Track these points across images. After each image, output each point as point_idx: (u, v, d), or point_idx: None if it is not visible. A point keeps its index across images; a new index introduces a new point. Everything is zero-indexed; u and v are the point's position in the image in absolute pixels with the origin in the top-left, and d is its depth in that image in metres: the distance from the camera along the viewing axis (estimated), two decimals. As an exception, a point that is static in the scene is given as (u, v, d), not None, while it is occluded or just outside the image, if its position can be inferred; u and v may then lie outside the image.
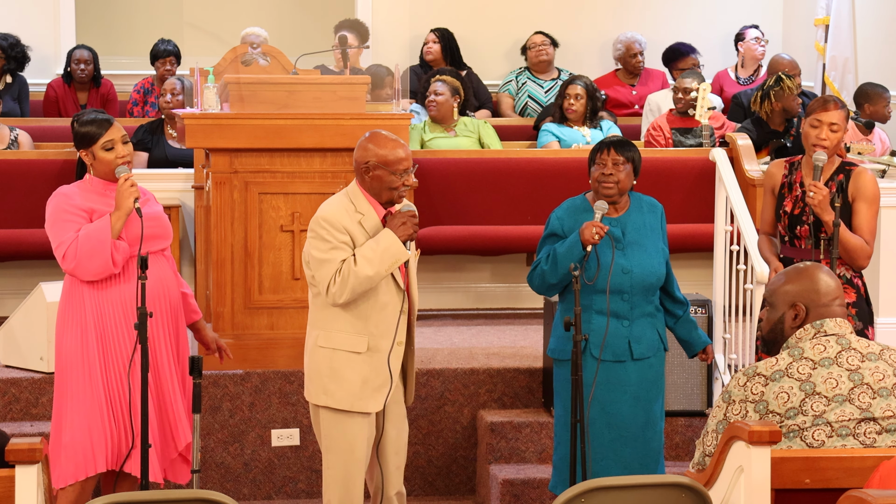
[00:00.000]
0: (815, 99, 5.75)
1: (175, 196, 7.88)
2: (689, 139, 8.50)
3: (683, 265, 7.96)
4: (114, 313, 5.21)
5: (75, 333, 5.21)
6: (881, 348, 3.99)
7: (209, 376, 6.40)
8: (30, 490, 3.77)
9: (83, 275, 5.17)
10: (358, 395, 5.04)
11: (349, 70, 7.92)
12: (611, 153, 5.32)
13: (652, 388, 5.39)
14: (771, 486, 3.78)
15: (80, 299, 5.22)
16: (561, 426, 5.37)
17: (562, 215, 5.42)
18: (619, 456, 5.30)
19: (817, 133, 5.56)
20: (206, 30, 11.38)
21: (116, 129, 5.25)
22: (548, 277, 5.33)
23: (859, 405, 3.88)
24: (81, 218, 5.20)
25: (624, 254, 5.32)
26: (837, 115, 5.57)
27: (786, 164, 5.77)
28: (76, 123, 5.30)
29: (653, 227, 5.44)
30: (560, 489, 5.36)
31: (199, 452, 4.75)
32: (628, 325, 5.33)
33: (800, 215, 5.62)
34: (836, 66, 10.01)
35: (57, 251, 5.20)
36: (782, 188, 5.72)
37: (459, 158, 8.07)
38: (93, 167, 5.27)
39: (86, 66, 9.75)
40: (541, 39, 10.05)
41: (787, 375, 3.92)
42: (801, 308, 4.03)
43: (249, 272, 6.46)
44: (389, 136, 5.07)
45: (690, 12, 10.90)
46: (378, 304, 5.03)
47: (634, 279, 5.31)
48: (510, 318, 7.73)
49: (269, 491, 6.53)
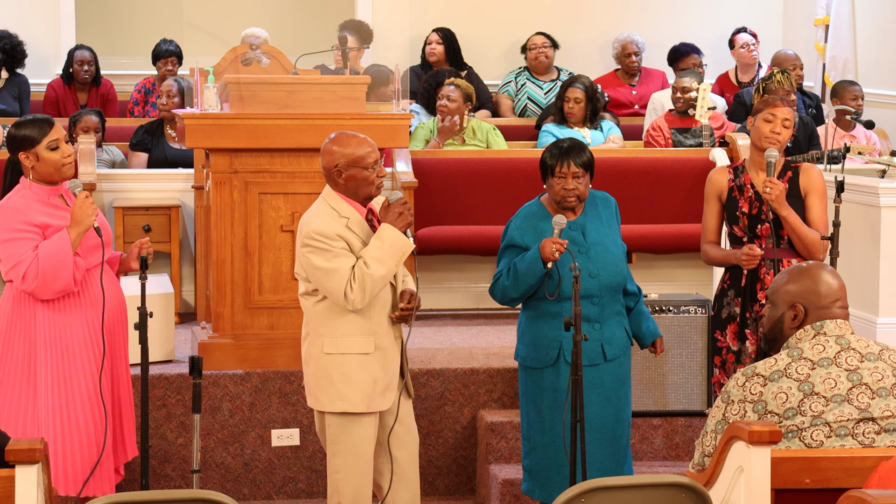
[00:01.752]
0: (765, 97, 5.81)
1: (175, 196, 7.88)
2: (689, 139, 8.50)
3: (683, 265, 7.97)
4: (71, 328, 5.12)
5: (22, 348, 5.11)
6: (881, 348, 3.98)
7: (209, 376, 6.40)
8: (30, 490, 3.77)
9: (44, 294, 5.06)
10: (371, 395, 5.04)
11: (349, 71, 7.92)
12: (570, 166, 5.31)
13: (622, 386, 5.42)
14: (771, 486, 3.78)
15: (31, 315, 5.12)
16: (535, 431, 5.38)
17: (520, 224, 5.41)
18: (592, 458, 5.26)
19: (771, 127, 5.67)
20: (206, 30, 11.39)
21: (59, 129, 5.16)
22: (509, 292, 5.35)
23: (858, 405, 3.88)
24: (35, 234, 5.06)
25: (588, 257, 5.32)
26: (789, 112, 5.69)
27: (728, 169, 5.83)
28: (15, 125, 5.16)
29: (609, 222, 5.45)
30: (538, 494, 5.39)
31: (199, 452, 4.75)
32: (600, 327, 5.34)
33: (758, 215, 5.68)
34: (836, 66, 10.01)
35: (14, 271, 5.04)
36: (731, 192, 5.76)
37: (459, 158, 8.06)
38: (34, 170, 5.12)
39: (88, 67, 9.75)
40: (541, 41, 10.04)
41: (785, 375, 3.92)
42: (801, 309, 4.02)
43: (249, 272, 6.46)
44: (351, 134, 5.07)
45: (690, 12, 10.91)
46: (379, 302, 5.04)
47: (602, 282, 5.32)
48: (510, 318, 7.72)
49: (269, 491, 6.53)
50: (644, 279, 7.49)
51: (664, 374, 6.45)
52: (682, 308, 6.42)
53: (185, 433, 6.46)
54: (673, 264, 8.15)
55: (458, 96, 8.39)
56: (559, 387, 5.28)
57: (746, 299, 5.71)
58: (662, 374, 6.46)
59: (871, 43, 9.96)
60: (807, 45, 10.31)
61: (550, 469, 5.34)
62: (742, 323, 5.72)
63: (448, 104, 8.38)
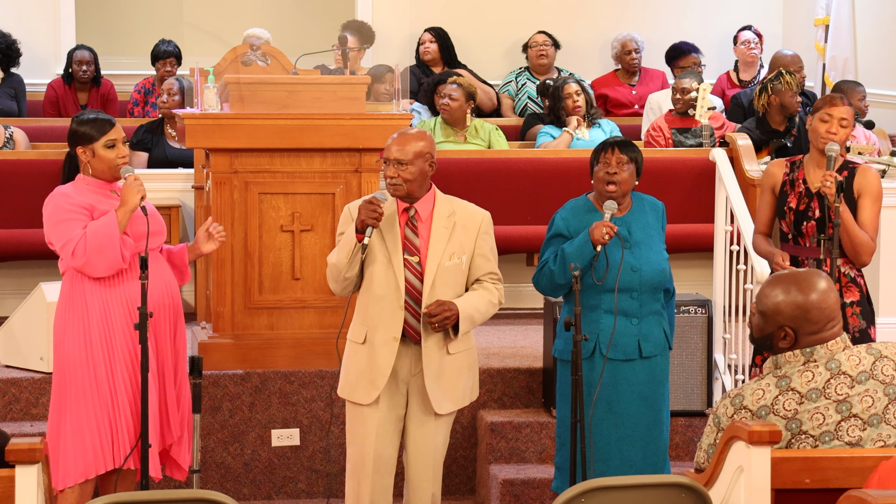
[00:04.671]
0: (823, 96, 5.76)
1: (175, 196, 7.88)
2: (689, 139, 8.49)
3: (683, 265, 7.96)
4: (119, 311, 5.21)
5: (77, 333, 5.20)
6: (873, 360, 3.88)
7: (209, 376, 6.40)
8: (30, 490, 3.77)
9: (93, 271, 5.17)
10: (353, 384, 5.10)
11: (349, 72, 7.91)
12: (615, 153, 5.33)
13: (659, 387, 5.40)
14: (771, 486, 3.78)
15: (83, 299, 5.21)
16: (564, 428, 5.36)
17: (566, 216, 5.42)
18: (625, 456, 5.29)
19: (827, 127, 5.61)
20: (206, 30, 11.38)
21: (118, 129, 5.31)
22: (556, 278, 5.31)
23: (849, 440, 3.82)
24: (83, 215, 5.20)
25: (632, 253, 5.33)
26: (847, 111, 5.63)
27: (786, 163, 5.78)
28: (77, 121, 5.32)
29: (655, 226, 5.45)
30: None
31: (199, 452, 4.76)
32: (637, 322, 5.33)
33: (805, 211, 5.64)
34: (836, 66, 10.01)
35: (64, 249, 5.18)
36: (784, 186, 5.73)
37: (460, 158, 8.05)
38: (90, 165, 5.27)
39: (87, 67, 9.75)
40: (542, 39, 10.04)
41: (772, 412, 3.84)
42: (790, 333, 3.89)
43: (249, 272, 6.46)
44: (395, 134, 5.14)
45: (690, 12, 10.91)
46: (373, 295, 5.05)
47: (643, 277, 5.32)
48: (510, 318, 7.72)
49: (269, 491, 6.53)
50: (644, 279, 7.48)
51: (669, 373, 6.44)
52: (682, 308, 6.41)
53: (185, 433, 6.45)
54: (673, 264, 8.05)
55: (459, 95, 8.40)
56: (593, 381, 5.26)
57: None
58: (662, 374, 6.45)
59: (871, 43, 9.96)
60: (807, 45, 10.30)
61: (579, 466, 5.31)
62: None
63: (450, 103, 8.39)
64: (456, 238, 5.08)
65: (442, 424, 5.17)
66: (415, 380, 5.10)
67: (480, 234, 5.14)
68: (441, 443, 5.20)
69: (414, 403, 5.12)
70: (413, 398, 5.12)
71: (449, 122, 8.41)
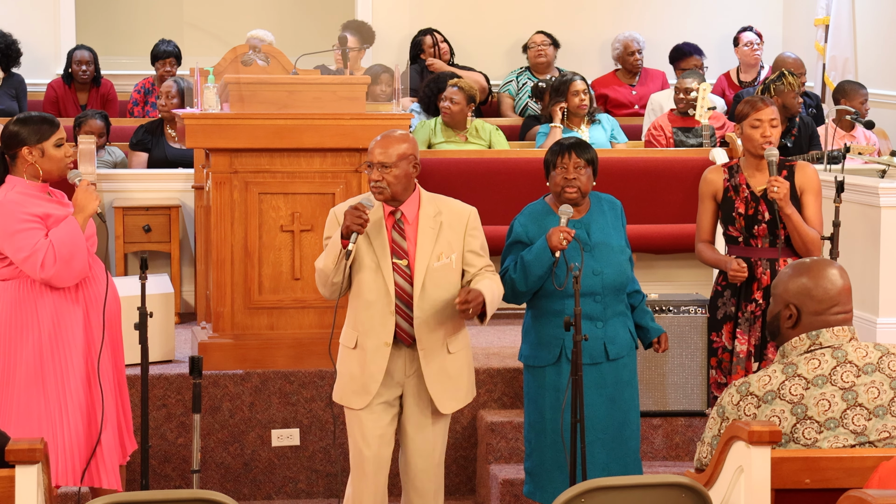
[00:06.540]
0: (744, 102, 5.77)
1: (175, 196, 7.88)
2: (691, 139, 8.50)
3: (683, 265, 7.96)
4: (74, 318, 5.12)
5: (27, 341, 5.09)
6: (881, 354, 3.90)
7: (209, 376, 6.40)
8: (30, 490, 3.77)
9: (61, 281, 5.05)
10: (345, 389, 5.10)
11: (349, 72, 7.92)
12: (571, 157, 5.31)
13: (627, 388, 5.38)
14: (771, 486, 3.78)
15: (33, 306, 5.10)
16: (535, 433, 5.36)
17: (525, 221, 5.39)
18: (596, 459, 5.26)
19: (761, 132, 5.65)
20: (206, 30, 11.39)
21: (62, 128, 5.21)
22: (517, 286, 5.31)
23: (854, 429, 3.82)
24: (40, 224, 5.05)
25: (592, 255, 5.30)
26: (773, 111, 5.69)
27: (724, 168, 5.82)
28: (19, 121, 5.15)
29: (615, 224, 5.43)
30: (539, 496, 5.37)
31: (199, 452, 4.75)
32: (602, 326, 5.32)
33: (754, 215, 5.68)
34: (836, 66, 10.02)
35: (30, 260, 5.01)
36: (727, 192, 5.76)
37: (460, 158, 8.06)
38: (38, 165, 5.12)
39: (87, 67, 9.75)
40: (541, 39, 10.05)
41: (779, 397, 3.85)
42: (794, 310, 3.93)
43: (249, 272, 6.46)
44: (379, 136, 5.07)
45: (690, 13, 10.91)
46: (363, 301, 5.03)
47: (606, 280, 5.30)
48: (510, 318, 7.72)
49: (269, 491, 6.53)
50: (644, 279, 7.47)
51: (664, 374, 6.46)
52: (682, 308, 6.42)
53: (185, 433, 6.46)
54: (673, 264, 8.14)
55: (461, 98, 8.40)
56: (560, 386, 5.27)
57: (741, 299, 5.70)
58: (662, 374, 6.46)
59: (871, 43, 9.96)
60: (807, 45, 10.31)
61: (552, 470, 5.32)
62: (736, 323, 5.72)
63: (451, 106, 8.40)
64: (444, 238, 5.06)
65: (441, 424, 5.18)
66: (410, 381, 5.09)
67: (468, 230, 5.12)
68: (441, 443, 5.22)
69: (411, 405, 5.11)
70: (409, 399, 5.11)
71: (450, 124, 8.42)
